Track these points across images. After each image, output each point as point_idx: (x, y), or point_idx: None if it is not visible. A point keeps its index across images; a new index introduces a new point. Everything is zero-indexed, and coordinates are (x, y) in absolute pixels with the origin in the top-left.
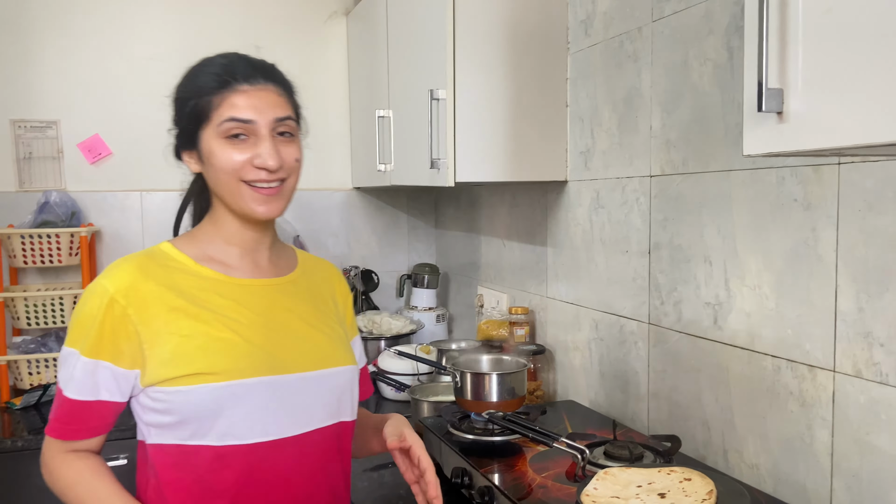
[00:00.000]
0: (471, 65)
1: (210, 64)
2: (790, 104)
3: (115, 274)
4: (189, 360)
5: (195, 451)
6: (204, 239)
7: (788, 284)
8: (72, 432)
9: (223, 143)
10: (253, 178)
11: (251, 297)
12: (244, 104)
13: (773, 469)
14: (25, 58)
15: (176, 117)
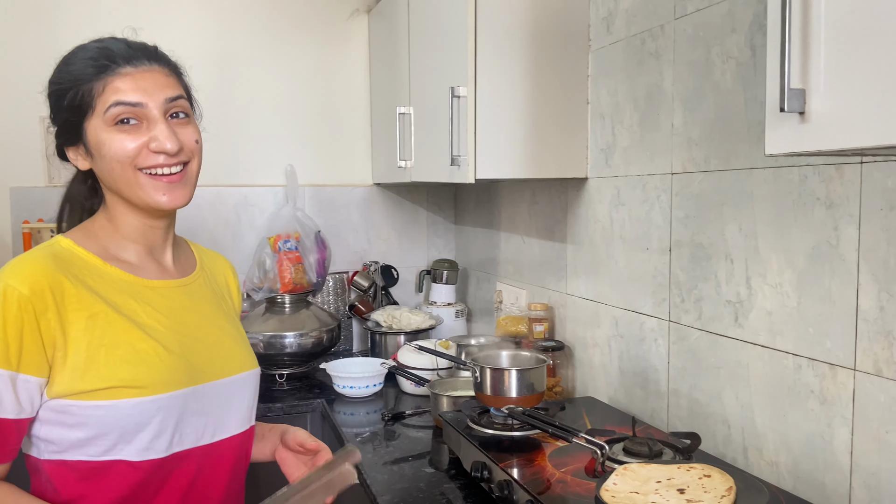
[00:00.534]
0: (492, 62)
1: (84, 50)
2: (812, 104)
3: (26, 272)
4: (109, 371)
5: (108, 466)
6: (102, 235)
7: (810, 283)
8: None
9: (112, 131)
10: (151, 165)
11: (162, 300)
12: (129, 87)
13: (793, 467)
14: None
15: (53, 112)
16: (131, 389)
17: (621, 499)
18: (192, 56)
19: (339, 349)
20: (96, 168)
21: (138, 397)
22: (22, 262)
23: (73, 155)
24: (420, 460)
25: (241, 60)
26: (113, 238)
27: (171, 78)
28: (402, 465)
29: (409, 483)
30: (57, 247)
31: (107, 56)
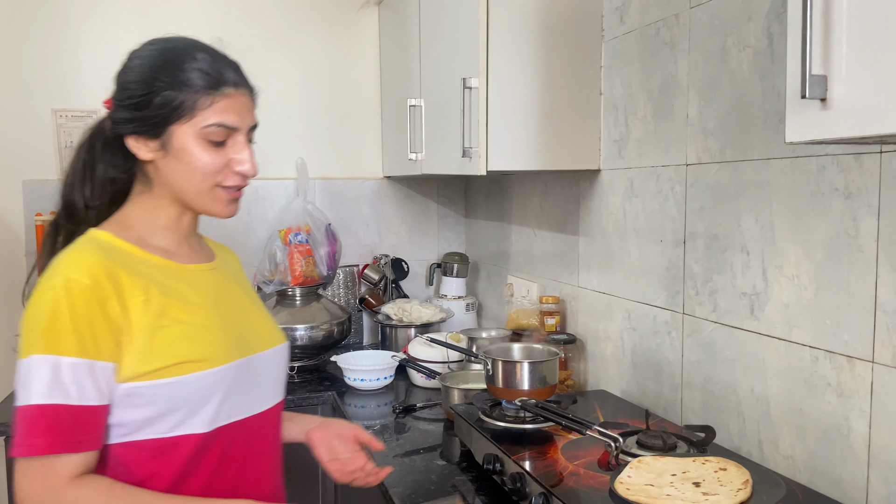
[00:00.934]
0: (504, 53)
1: (192, 57)
2: (834, 91)
3: (82, 264)
4: (172, 349)
5: (177, 442)
6: (137, 225)
7: (828, 274)
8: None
9: (202, 145)
10: (231, 185)
11: (200, 281)
12: (231, 109)
13: (809, 460)
14: (66, 47)
15: (136, 102)
16: (194, 364)
17: (636, 491)
18: None
19: (349, 342)
20: (164, 165)
21: (201, 371)
22: (74, 256)
23: (138, 144)
24: (431, 453)
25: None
26: (149, 227)
27: (252, 103)
28: (413, 458)
29: (421, 475)
30: (98, 239)
31: (218, 73)
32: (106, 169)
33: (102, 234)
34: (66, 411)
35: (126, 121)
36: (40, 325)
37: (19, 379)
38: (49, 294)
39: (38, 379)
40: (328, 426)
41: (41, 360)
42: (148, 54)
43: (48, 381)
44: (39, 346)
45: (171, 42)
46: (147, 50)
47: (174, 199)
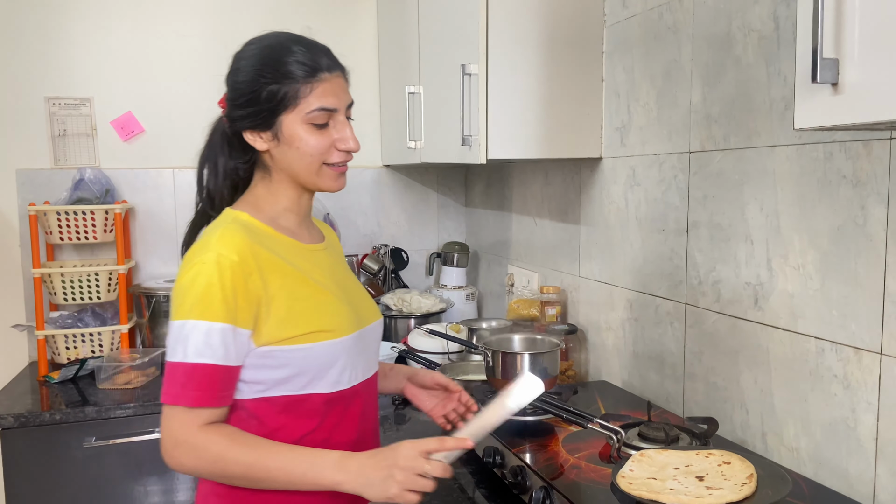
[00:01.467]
0: (504, 39)
1: (290, 51)
2: (846, 75)
3: (232, 243)
4: (306, 319)
5: (304, 399)
6: (266, 207)
7: (834, 264)
8: (218, 398)
9: (308, 129)
10: (337, 161)
11: (319, 260)
12: (329, 93)
13: (815, 453)
14: (59, 35)
15: (245, 98)
16: (324, 333)
17: (638, 485)
18: (197, 35)
19: None
20: (278, 153)
21: (329, 340)
22: (225, 235)
23: (254, 137)
24: None
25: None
26: (275, 209)
27: (347, 84)
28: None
29: None
30: (240, 220)
31: (314, 61)
32: (227, 161)
33: (242, 215)
34: (214, 370)
35: (241, 118)
36: (196, 294)
37: (173, 338)
38: (203, 268)
39: (193, 341)
40: (415, 379)
41: (195, 325)
42: (251, 54)
43: (202, 343)
44: (195, 312)
45: (268, 39)
46: (249, 51)
47: (291, 181)
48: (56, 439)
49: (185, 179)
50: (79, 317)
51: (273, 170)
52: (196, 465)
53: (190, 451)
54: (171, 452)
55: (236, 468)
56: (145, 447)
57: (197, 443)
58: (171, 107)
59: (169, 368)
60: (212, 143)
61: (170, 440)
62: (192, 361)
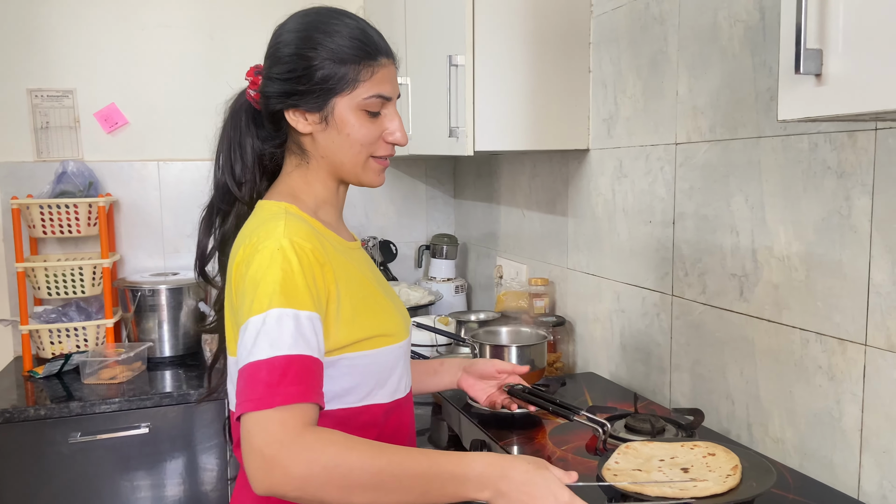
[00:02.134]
0: (491, 30)
1: (348, 28)
2: (829, 66)
3: (301, 232)
4: (369, 321)
5: (363, 411)
6: (307, 200)
7: (819, 255)
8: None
9: (361, 115)
10: (383, 154)
11: (362, 259)
12: (387, 80)
13: (800, 444)
14: (41, 26)
15: (298, 75)
16: (386, 338)
17: (623, 477)
18: (182, 26)
19: None
20: (323, 137)
21: (390, 344)
22: (291, 224)
23: (297, 117)
24: (419, 437)
25: (230, 30)
26: (315, 201)
27: (397, 73)
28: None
29: None
30: (293, 212)
31: (374, 44)
32: (255, 144)
33: (291, 208)
34: (312, 362)
35: (284, 94)
36: (276, 281)
37: (251, 335)
38: (279, 254)
39: (283, 330)
40: (471, 369)
41: (283, 314)
42: (302, 27)
43: (292, 332)
44: (278, 301)
45: (323, 13)
46: (299, 23)
47: (331, 171)
48: (41, 435)
49: (170, 172)
50: (63, 311)
51: (312, 157)
52: (307, 474)
53: (301, 453)
54: (271, 463)
55: (361, 476)
56: (131, 442)
57: (310, 444)
58: (156, 98)
59: (251, 371)
60: (235, 121)
61: (270, 447)
62: (286, 353)
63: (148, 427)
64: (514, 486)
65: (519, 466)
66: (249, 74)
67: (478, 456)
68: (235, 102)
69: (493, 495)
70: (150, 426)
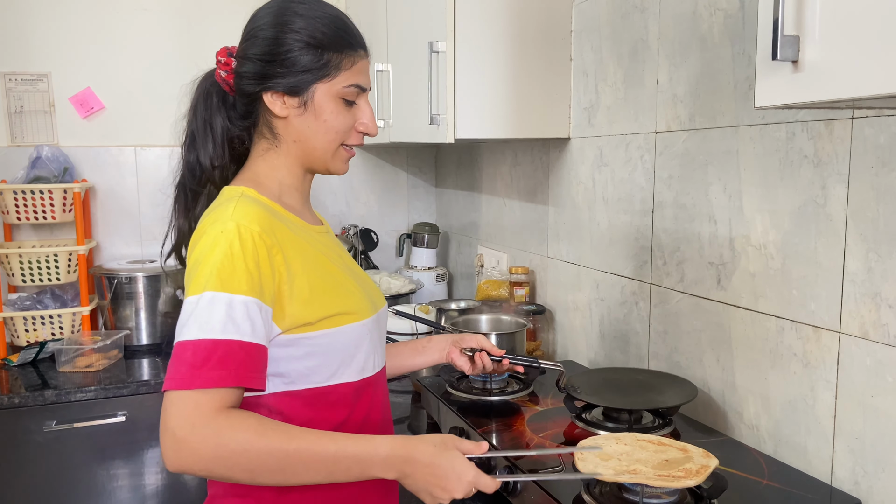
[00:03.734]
0: (472, 16)
1: (336, 18)
2: (806, 52)
3: (251, 214)
4: (329, 301)
5: (331, 390)
6: (269, 183)
7: (795, 244)
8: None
9: (339, 104)
10: (354, 143)
11: (326, 242)
12: (365, 71)
13: (774, 430)
14: (15, 8)
15: (282, 59)
16: (348, 316)
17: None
18: (159, 9)
19: None
20: (298, 122)
21: (353, 322)
22: (239, 207)
23: (275, 99)
24: (399, 425)
25: (209, 12)
26: (280, 186)
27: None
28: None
29: None
30: (249, 195)
31: (354, 36)
32: (225, 125)
33: (249, 191)
34: (239, 346)
35: (263, 76)
36: (214, 264)
37: (186, 314)
38: (222, 237)
39: (213, 314)
40: (460, 342)
41: (214, 297)
42: (285, 9)
43: (222, 316)
44: (213, 284)
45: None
46: (281, 6)
47: (299, 157)
48: (16, 424)
49: (147, 158)
50: (38, 298)
51: (283, 141)
52: (214, 456)
53: (210, 437)
54: (181, 444)
55: (267, 461)
56: (108, 431)
57: (219, 429)
58: (133, 83)
59: (178, 350)
60: (206, 104)
61: (182, 429)
62: (211, 337)
63: (125, 415)
64: (419, 468)
65: (424, 449)
66: (221, 55)
67: (385, 440)
68: (204, 82)
69: (400, 476)
70: (127, 415)
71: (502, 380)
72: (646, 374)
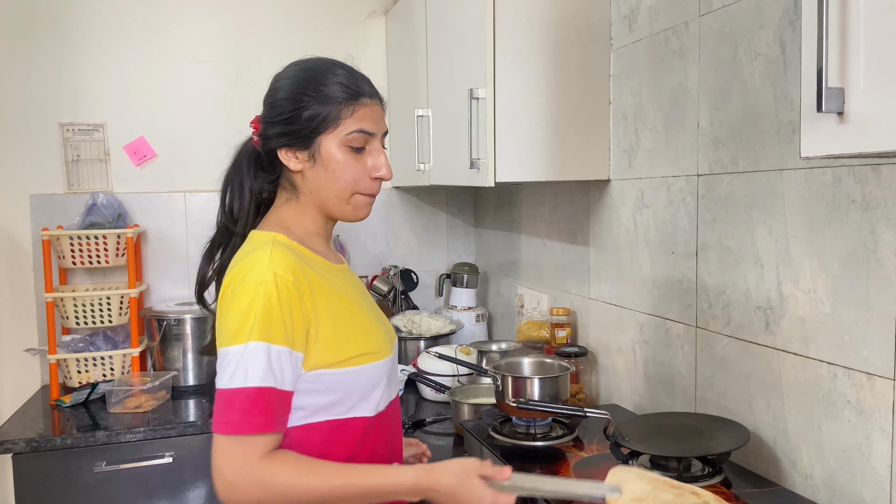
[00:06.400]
0: (511, 63)
1: (335, 73)
2: (852, 104)
3: (285, 263)
4: (353, 341)
5: (347, 423)
6: (294, 229)
7: (845, 289)
8: (281, 423)
9: (346, 152)
10: (367, 189)
11: (348, 281)
12: (369, 117)
13: (829, 480)
14: (73, 62)
15: (286, 117)
16: (369, 355)
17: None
18: (210, 61)
19: None
20: (311, 174)
21: (374, 361)
22: (276, 255)
23: (289, 155)
24: None
25: (257, 65)
26: (304, 231)
27: (384, 112)
28: None
29: None
30: (280, 241)
31: (356, 86)
32: (253, 184)
33: (280, 237)
34: (277, 394)
35: (278, 135)
36: (256, 315)
37: (231, 362)
38: (262, 288)
39: (257, 363)
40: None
41: (257, 347)
42: (293, 74)
43: (264, 365)
44: (256, 334)
45: (312, 62)
46: (291, 71)
47: (317, 205)
48: (67, 464)
49: (196, 203)
50: (90, 340)
51: (302, 192)
52: (259, 500)
53: (255, 484)
54: (231, 488)
55: (306, 497)
56: (155, 471)
57: (263, 475)
58: (184, 131)
59: (225, 396)
60: (237, 164)
61: (231, 474)
62: (257, 385)
63: (172, 456)
64: (441, 495)
65: (445, 481)
66: (253, 123)
67: (408, 471)
68: (241, 147)
69: (426, 499)
70: (175, 455)
71: (546, 424)
72: (695, 417)
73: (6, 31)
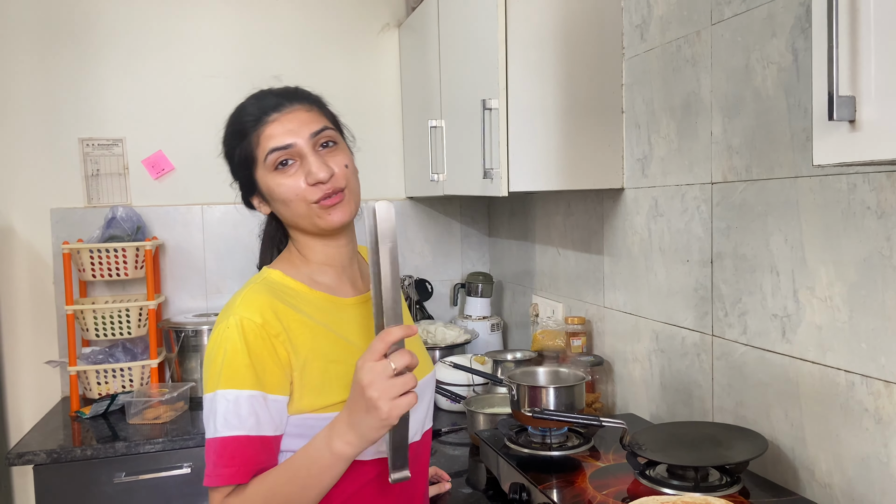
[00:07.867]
0: (523, 73)
1: (240, 111)
2: (863, 112)
3: (254, 304)
4: (339, 385)
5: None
6: (300, 265)
7: (862, 296)
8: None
9: (277, 176)
10: (317, 197)
11: (360, 315)
12: (278, 132)
13: (848, 489)
14: (92, 78)
15: (231, 170)
16: None
17: None
18: (226, 75)
19: None
20: (275, 210)
21: None
22: (247, 297)
23: (257, 203)
24: (457, 479)
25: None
26: (310, 266)
27: (312, 113)
28: None
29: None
30: (269, 279)
31: (259, 108)
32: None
33: (275, 273)
34: (247, 442)
35: (240, 188)
36: (221, 362)
37: (205, 413)
38: (226, 333)
39: (220, 412)
40: None
41: (223, 395)
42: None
43: (231, 413)
44: (221, 382)
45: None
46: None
47: (299, 231)
48: (87, 475)
49: (213, 215)
50: (110, 352)
51: (288, 229)
52: None
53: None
54: None
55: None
56: (174, 482)
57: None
58: (201, 145)
59: (206, 447)
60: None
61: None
62: (222, 435)
63: (190, 467)
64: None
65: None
66: None
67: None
68: None
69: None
70: (193, 466)
71: (562, 434)
72: (712, 426)
73: (28, 49)
